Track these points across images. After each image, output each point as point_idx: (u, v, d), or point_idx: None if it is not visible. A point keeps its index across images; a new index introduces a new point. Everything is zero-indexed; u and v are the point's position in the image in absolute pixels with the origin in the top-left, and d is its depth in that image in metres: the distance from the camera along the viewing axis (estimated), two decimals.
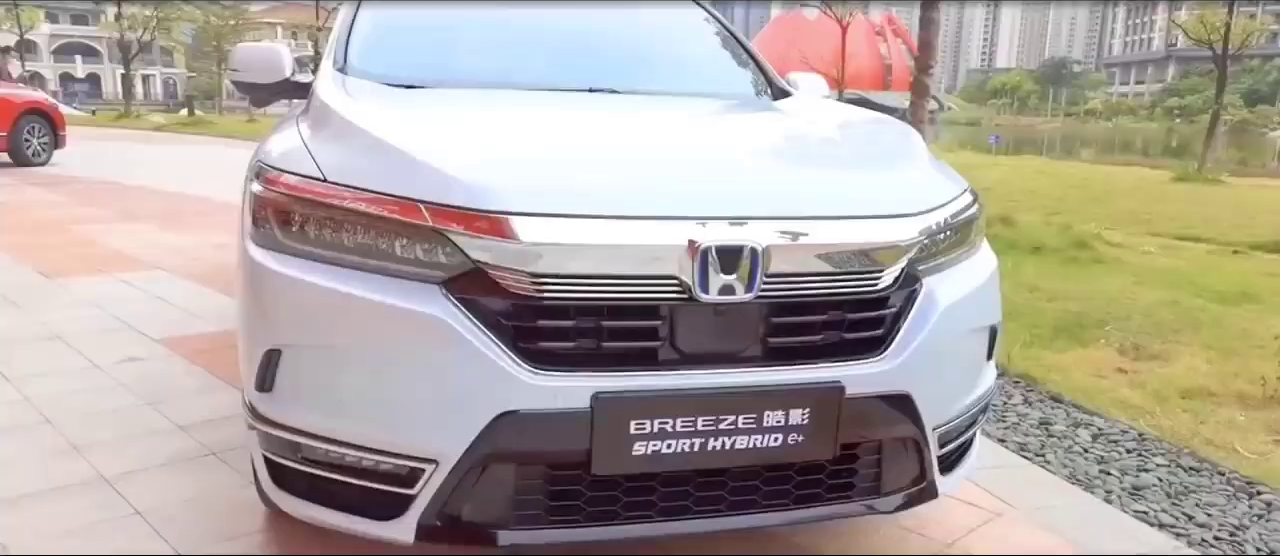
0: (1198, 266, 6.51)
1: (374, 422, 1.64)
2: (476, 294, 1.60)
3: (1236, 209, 11.92)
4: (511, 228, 1.58)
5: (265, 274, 1.73)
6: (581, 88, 2.63)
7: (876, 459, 1.84)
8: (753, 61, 3.16)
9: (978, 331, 1.99)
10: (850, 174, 2.08)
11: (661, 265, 1.61)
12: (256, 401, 1.76)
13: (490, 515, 1.66)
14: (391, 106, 2.12)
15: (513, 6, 3.18)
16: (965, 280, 1.95)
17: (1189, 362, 3.91)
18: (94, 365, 3.51)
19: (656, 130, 2.27)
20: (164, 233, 6.88)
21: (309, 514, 1.77)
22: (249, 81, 2.74)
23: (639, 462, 1.63)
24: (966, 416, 1.99)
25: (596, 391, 1.58)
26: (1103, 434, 3.13)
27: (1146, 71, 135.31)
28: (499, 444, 1.59)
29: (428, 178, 1.65)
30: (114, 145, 14.78)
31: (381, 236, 1.65)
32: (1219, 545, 2.38)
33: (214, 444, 2.76)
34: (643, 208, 1.65)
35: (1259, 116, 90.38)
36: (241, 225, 1.90)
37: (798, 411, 1.68)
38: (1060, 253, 6.47)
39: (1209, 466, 2.88)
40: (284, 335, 1.70)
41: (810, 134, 2.40)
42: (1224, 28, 18.62)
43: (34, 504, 2.33)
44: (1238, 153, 41.13)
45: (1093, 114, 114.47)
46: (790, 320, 1.72)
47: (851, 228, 1.76)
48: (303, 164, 1.79)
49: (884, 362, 1.75)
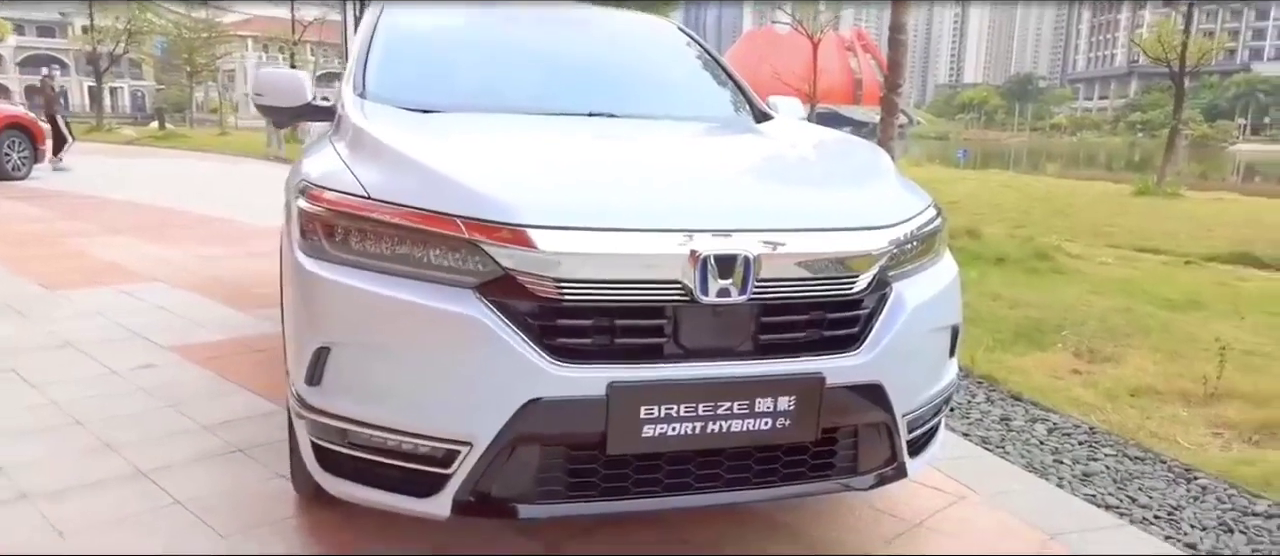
0: (1151, 276, 6.87)
1: (414, 410, 1.87)
2: (505, 297, 1.83)
3: (1194, 222, 12.39)
4: (534, 239, 1.81)
5: (315, 281, 1.95)
6: (581, 112, 2.87)
7: (853, 441, 2.09)
8: (736, 86, 3.43)
9: (941, 330, 2.25)
10: (829, 191, 2.34)
11: (667, 271, 1.85)
12: (305, 393, 1.98)
13: (516, 491, 1.89)
14: (419, 131, 2.34)
15: (511, 33, 3.42)
16: (930, 285, 2.22)
17: (1138, 364, 4.21)
18: (111, 371, 3.68)
19: (656, 151, 2.52)
20: (152, 245, 7.02)
21: (353, 493, 1.99)
22: (272, 105, 2.94)
23: (648, 443, 1.86)
24: (932, 405, 2.25)
25: (611, 381, 1.82)
26: (1057, 428, 3.41)
27: (1110, 87, 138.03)
28: (526, 427, 1.82)
29: (462, 195, 1.89)
30: (89, 160, 14.79)
31: (421, 246, 1.88)
32: (1158, 524, 2.65)
33: (238, 442, 2.95)
34: (650, 221, 1.89)
35: (1219, 131, 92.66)
36: (288, 238, 2.12)
37: (785, 399, 1.92)
38: (1023, 263, 6.81)
39: (1152, 456, 3.16)
40: (332, 334, 1.92)
41: (792, 155, 2.67)
42: (1181, 47, 19.25)
43: (81, 496, 2.52)
44: (1199, 166, 42.20)
45: (1058, 128, 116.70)
46: (778, 319, 1.97)
47: (830, 239, 2.02)
48: (347, 183, 2.01)
49: (859, 356, 2.01)
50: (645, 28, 3.79)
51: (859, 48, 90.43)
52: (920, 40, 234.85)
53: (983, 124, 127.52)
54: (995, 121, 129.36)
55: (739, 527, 2.46)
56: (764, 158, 2.67)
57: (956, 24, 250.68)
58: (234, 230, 8.10)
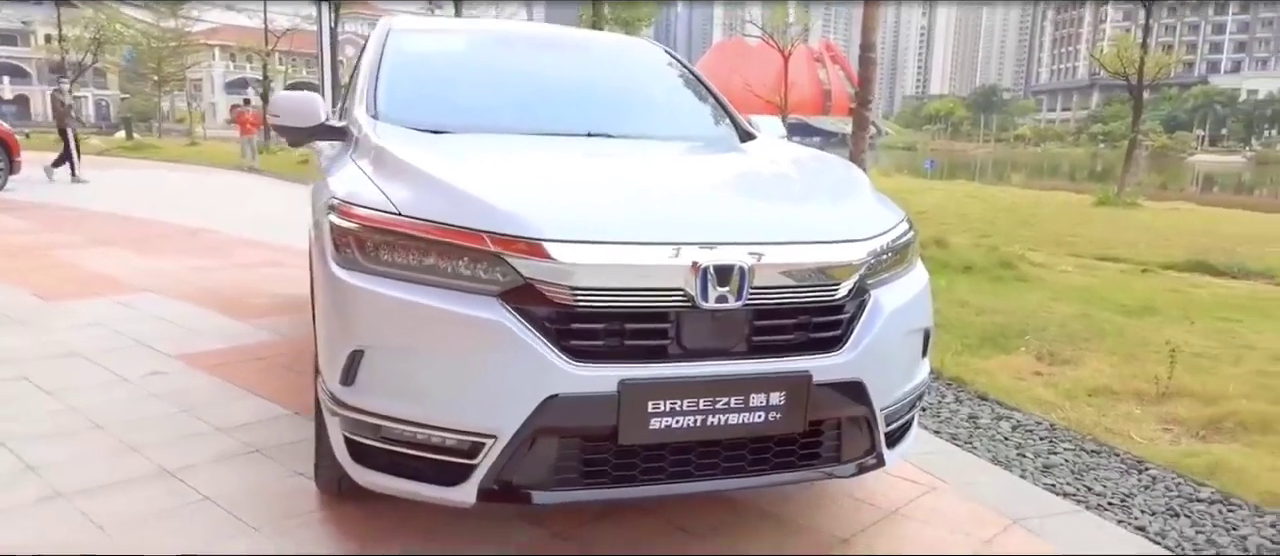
0: (1109, 284, 7.20)
1: (443, 406, 2.06)
2: (526, 303, 2.04)
3: (1152, 232, 12.85)
4: (552, 252, 2.02)
5: (349, 289, 2.14)
6: (580, 132, 3.08)
7: (837, 433, 2.31)
8: (721, 107, 3.66)
9: (914, 332, 2.49)
10: (813, 207, 2.57)
11: (671, 280, 2.07)
12: (339, 393, 2.16)
13: (536, 479, 2.09)
14: (439, 151, 2.53)
15: (510, 57, 3.62)
16: (904, 291, 2.45)
17: (1095, 366, 4.49)
18: (121, 378, 3.82)
19: (655, 170, 2.74)
20: (140, 257, 7.12)
21: (384, 483, 2.18)
22: (288, 125, 3.11)
23: (654, 435, 2.07)
24: (907, 401, 2.48)
25: (622, 378, 2.03)
26: (1021, 425, 3.67)
27: (1072, 99, 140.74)
28: (546, 421, 2.02)
29: (486, 212, 2.09)
30: (60, 170, 14.74)
31: (448, 258, 2.08)
32: (1112, 510, 2.90)
33: (254, 443, 3.12)
34: (655, 235, 2.10)
35: (1178, 142, 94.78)
36: (321, 251, 2.30)
37: (776, 394, 2.14)
38: (988, 272, 7.11)
39: (1107, 450, 3.42)
40: (366, 338, 2.11)
41: (778, 173, 2.90)
42: (1139, 61, 19.85)
43: (113, 493, 2.68)
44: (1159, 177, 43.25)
45: (1022, 139, 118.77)
46: (769, 322, 2.19)
47: (816, 250, 2.24)
48: (377, 200, 2.20)
49: (842, 356, 2.23)
50: (636, 51, 4.00)
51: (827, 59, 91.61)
52: (887, 52, 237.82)
53: (949, 135, 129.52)
54: (961, 132, 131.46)
55: (732, 515, 2.67)
56: (753, 176, 2.90)
57: (923, 36, 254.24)
58: (219, 242, 8.20)
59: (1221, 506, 2.95)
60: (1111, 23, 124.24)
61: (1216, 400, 3.94)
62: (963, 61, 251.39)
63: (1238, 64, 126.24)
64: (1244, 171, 68.37)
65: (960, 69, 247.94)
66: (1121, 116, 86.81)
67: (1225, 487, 3.07)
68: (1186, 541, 2.70)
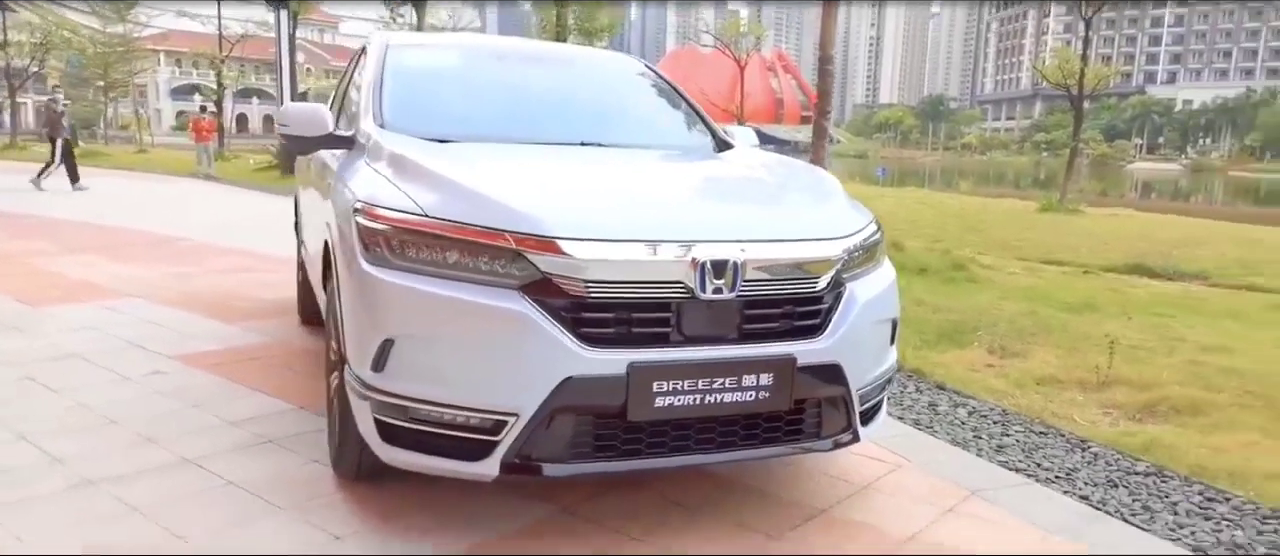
0: (1053, 285, 7.63)
1: (468, 388, 2.28)
2: (544, 295, 2.27)
3: (1093, 237, 13.44)
4: (566, 249, 2.26)
5: (379, 284, 2.35)
6: (573, 141, 3.32)
7: (817, 411, 2.58)
8: (699, 117, 3.93)
9: (884, 321, 2.77)
10: (795, 209, 2.84)
11: (673, 273, 2.32)
12: (370, 378, 2.37)
13: (554, 453, 2.32)
14: (453, 159, 2.74)
15: (503, 71, 3.85)
16: (874, 285, 2.74)
17: (1042, 358, 4.84)
18: (124, 378, 3.96)
19: (649, 176, 3.00)
20: (116, 264, 7.17)
21: (411, 461, 2.39)
22: (296, 134, 3.30)
23: (659, 412, 2.32)
24: (878, 383, 2.76)
25: (631, 361, 2.27)
26: (976, 411, 3.98)
27: (1016, 108, 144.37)
28: (563, 400, 2.25)
29: (507, 214, 2.32)
30: (12, 179, 14.63)
31: (472, 255, 2.30)
32: (1058, 482, 3.21)
33: (267, 435, 3.30)
34: (658, 234, 2.35)
35: (1117, 150, 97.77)
36: (348, 250, 2.50)
37: (765, 375, 2.40)
38: (942, 274, 7.49)
39: (1054, 431, 3.75)
40: (396, 328, 2.32)
41: (760, 178, 3.17)
42: (1079, 73, 20.66)
43: (141, 480, 2.85)
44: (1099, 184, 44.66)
45: (969, 148, 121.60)
46: (759, 311, 2.45)
47: (798, 247, 2.52)
48: (403, 203, 2.43)
49: (822, 342, 2.50)
50: (618, 65, 4.26)
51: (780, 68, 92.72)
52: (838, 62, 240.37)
53: (899, 143, 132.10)
54: (910, 140, 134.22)
55: (720, 491, 2.93)
56: (738, 181, 3.16)
57: (872, 46, 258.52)
58: (191, 248, 8.26)
59: (1155, 478, 3.28)
60: (1053, 35, 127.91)
61: (1151, 387, 4.31)
62: (911, 71, 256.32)
63: (1173, 75, 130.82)
64: (1180, 179, 70.90)
65: (909, 79, 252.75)
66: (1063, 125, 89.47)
67: (1159, 462, 3.40)
68: (1124, 509, 3.01)
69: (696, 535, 2.61)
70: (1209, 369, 4.68)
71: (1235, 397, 4.17)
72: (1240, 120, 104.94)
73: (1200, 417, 3.93)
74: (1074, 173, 22.65)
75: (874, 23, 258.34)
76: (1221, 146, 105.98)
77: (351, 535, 2.53)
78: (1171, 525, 2.89)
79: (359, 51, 4.37)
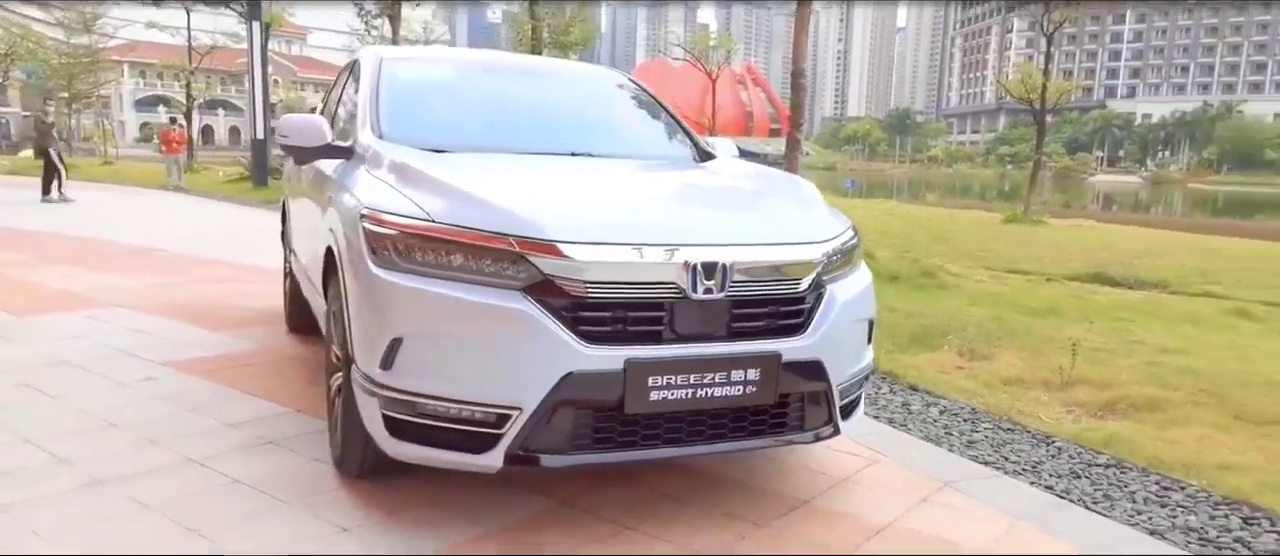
0: (1018, 291, 7.89)
1: (474, 384, 2.41)
2: (545, 295, 2.41)
3: (1056, 247, 13.80)
4: (567, 252, 2.40)
5: (388, 287, 2.48)
6: (564, 151, 3.46)
7: (801, 405, 2.74)
8: (682, 129, 4.09)
9: (861, 321, 2.94)
10: (778, 215, 3.00)
11: (666, 275, 2.47)
12: (379, 375, 2.49)
13: (555, 444, 2.46)
14: (454, 168, 2.87)
15: (494, 84, 3.99)
16: (852, 287, 2.90)
17: (1008, 360, 5.05)
18: (120, 384, 4.03)
19: (640, 184, 3.16)
20: (95, 274, 7.18)
21: (419, 454, 2.51)
22: (296, 145, 3.42)
23: (654, 405, 2.46)
24: (856, 379, 2.93)
25: (627, 358, 2.41)
26: (947, 410, 4.17)
27: (980, 122, 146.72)
28: (564, 394, 2.39)
29: (510, 220, 2.46)
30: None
31: (477, 258, 2.44)
32: (1025, 474, 3.39)
33: (266, 436, 3.39)
34: (652, 238, 2.50)
35: (1079, 163, 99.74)
36: (356, 254, 2.62)
37: (752, 371, 2.56)
38: (912, 281, 7.72)
39: (1020, 428, 3.94)
40: (405, 327, 2.45)
41: (744, 186, 3.34)
42: (1042, 88, 21.17)
43: (149, 479, 2.93)
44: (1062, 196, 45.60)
45: (935, 160, 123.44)
46: (746, 311, 2.60)
47: (782, 251, 2.68)
48: (410, 210, 2.56)
49: (804, 339, 2.66)
50: (603, 78, 4.41)
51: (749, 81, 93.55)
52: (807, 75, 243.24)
53: (867, 155, 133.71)
54: (878, 153, 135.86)
55: (709, 485, 3.07)
56: (724, 189, 3.33)
57: (839, 60, 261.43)
58: (169, 259, 8.27)
59: (1115, 469, 3.47)
60: (1016, 50, 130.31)
61: (1111, 386, 4.52)
62: (878, 85, 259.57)
63: (1132, 89, 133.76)
64: (1140, 191, 72.51)
65: (876, 92, 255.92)
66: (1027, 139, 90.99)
67: (1119, 455, 3.60)
68: (1086, 498, 3.20)
69: (688, 524, 2.75)
70: (1166, 369, 4.91)
71: (1190, 396, 4.39)
72: (1198, 133, 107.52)
73: (1157, 414, 4.14)
74: (1037, 185, 23.19)
75: (841, 37, 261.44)
76: (1180, 159, 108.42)
77: (357, 527, 2.64)
78: (1130, 512, 3.07)
79: (349, 65, 4.50)
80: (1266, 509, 3.10)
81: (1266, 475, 3.37)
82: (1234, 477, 3.34)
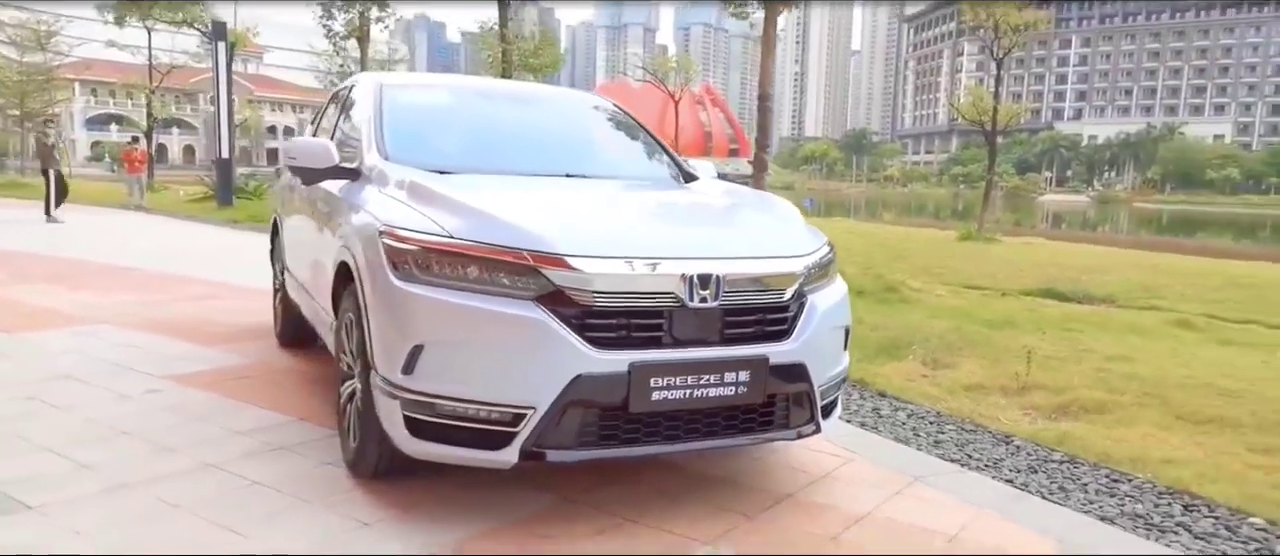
0: (975, 305, 8.26)
1: (491, 386, 2.62)
2: (556, 304, 2.63)
3: (1008, 263, 14.28)
4: (575, 265, 2.64)
5: (409, 297, 2.69)
6: (559, 173, 3.70)
7: (786, 404, 2.99)
8: (666, 152, 4.35)
9: (838, 328, 3.21)
10: (763, 232, 3.26)
11: (666, 286, 2.71)
12: (400, 380, 2.69)
13: (564, 441, 2.68)
14: (464, 189, 3.08)
15: (489, 109, 4.22)
16: (830, 296, 3.17)
17: (969, 368, 5.36)
18: (123, 396, 4.16)
19: (636, 203, 3.41)
20: (75, 292, 7.23)
21: (438, 452, 2.71)
22: (304, 166, 3.62)
23: (655, 405, 2.69)
24: (835, 382, 3.19)
25: (631, 361, 2.65)
26: (914, 413, 4.45)
27: (934, 142, 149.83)
28: (573, 395, 2.61)
29: (523, 236, 2.68)
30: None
31: (492, 271, 2.66)
32: (987, 470, 3.68)
33: (275, 443, 3.56)
34: (653, 252, 2.74)
35: (1029, 183, 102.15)
36: (375, 268, 2.82)
37: (743, 373, 2.80)
38: (876, 296, 8.05)
39: (982, 429, 4.23)
40: (426, 335, 2.66)
41: (729, 205, 3.60)
42: (992, 110, 21.87)
43: (172, 482, 3.09)
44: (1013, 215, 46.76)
45: (891, 180, 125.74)
46: (737, 318, 2.85)
47: (769, 264, 2.94)
48: (428, 226, 2.77)
49: (789, 344, 2.92)
50: (591, 103, 4.66)
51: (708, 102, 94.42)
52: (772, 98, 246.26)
53: (824, 175, 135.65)
54: (835, 173, 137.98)
55: (700, 482, 3.30)
56: (711, 207, 3.59)
57: (796, 81, 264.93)
58: (145, 278, 8.32)
59: (1068, 465, 3.77)
60: (966, 73, 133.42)
61: (1063, 390, 4.85)
62: (834, 106, 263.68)
63: (1079, 111, 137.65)
64: (1088, 210, 74.54)
65: (832, 113, 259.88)
66: (979, 159, 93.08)
67: (1071, 451, 3.90)
68: (1043, 490, 3.48)
69: (684, 517, 2.98)
70: (1113, 375, 5.26)
71: (1135, 398, 4.73)
72: (1142, 154, 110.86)
73: (1106, 415, 4.47)
74: (990, 204, 23.89)
75: (798, 59, 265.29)
76: (1125, 179, 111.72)
77: (377, 522, 2.83)
78: (1083, 502, 3.36)
79: (342, 90, 4.69)
80: (1204, 497, 3.41)
81: (1204, 468, 3.69)
82: (1175, 470, 3.65)
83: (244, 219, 16.05)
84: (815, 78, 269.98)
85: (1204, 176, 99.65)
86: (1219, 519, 3.23)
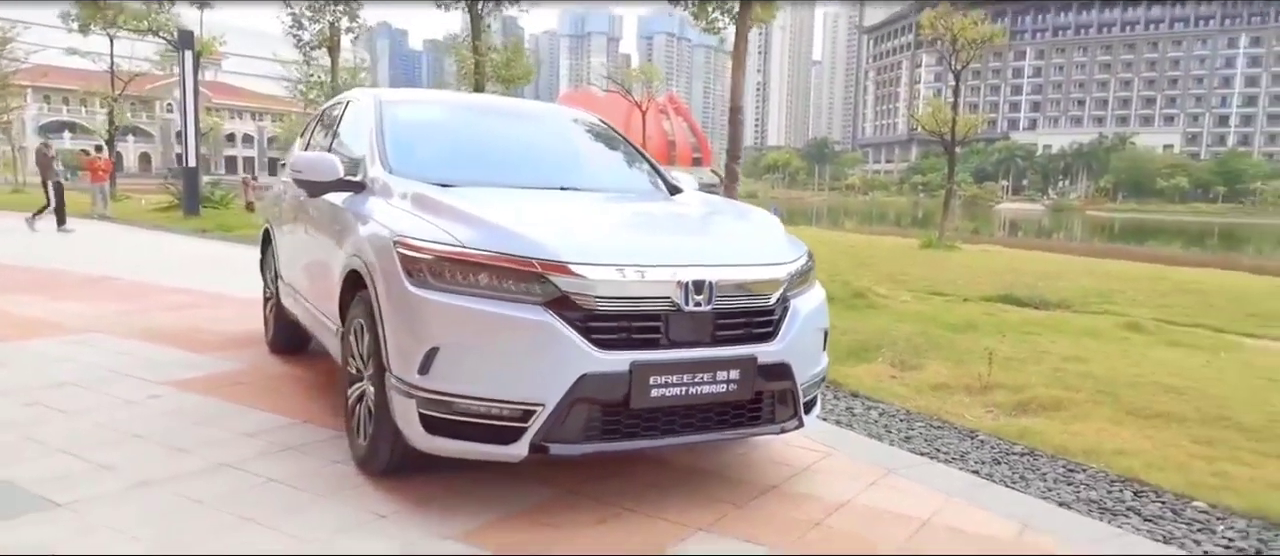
0: (939, 310, 8.59)
1: (502, 384, 2.83)
2: (563, 309, 2.85)
3: (968, 270, 14.70)
4: (580, 272, 2.85)
5: (424, 303, 2.89)
6: (554, 186, 3.91)
7: (772, 401, 3.23)
8: (651, 166, 4.58)
9: (819, 330, 3.46)
10: (749, 241, 3.50)
11: (664, 291, 2.94)
12: (416, 380, 2.88)
13: (569, 436, 2.89)
14: (471, 201, 3.28)
15: (485, 125, 4.42)
16: (811, 301, 3.42)
17: (935, 369, 5.65)
18: (126, 401, 4.28)
19: (630, 214, 3.64)
20: (58, 302, 7.28)
21: (451, 448, 2.91)
22: (309, 180, 3.79)
23: (654, 401, 2.91)
24: (815, 380, 3.44)
25: (632, 361, 2.87)
26: (885, 412, 4.72)
27: (894, 152, 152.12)
28: (579, 393, 2.83)
29: (531, 245, 2.89)
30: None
31: (502, 278, 2.87)
32: (954, 462, 3.95)
33: (282, 443, 3.72)
34: (651, 260, 2.96)
35: (986, 191, 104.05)
36: (390, 274, 3.01)
37: (734, 371, 3.04)
38: (845, 302, 8.35)
39: (948, 425, 4.51)
40: (441, 338, 2.85)
41: (714, 215, 3.84)
42: (951, 121, 22.45)
43: (191, 480, 3.24)
44: (971, 223, 47.66)
45: (852, 188, 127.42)
46: (728, 321, 3.08)
47: (756, 271, 3.18)
48: (440, 236, 2.97)
49: (775, 345, 3.16)
50: (581, 120, 4.88)
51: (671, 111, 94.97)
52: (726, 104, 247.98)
53: (787, 184, 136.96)
54: (798, 181, 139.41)
55: (688, 475, 3.53)
56: (698, 218, 3.82)
57: (759, 91, 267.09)
58: (126, 287, 8.37)
59: (1029, 457, 4.06)
60: (925, 84, 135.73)
61: (1023, 389, 5.15)
62: (796, 116, 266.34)
63: (1033, 121, 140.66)
64: (1043, 218, 76.17)
65: (794, 123, 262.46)
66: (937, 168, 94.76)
67: (1031, 445, 4.19)
68: (1006, 480, 3.76)
69: (677, 506, 3.20)
70: (1069, 374, 5.58)
71: (1090, 396, 5.05)
72: (1094, 163, 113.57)
73: (1062, 412, 4.77)
74: (949, 212, 24.46)
75: (760, 69, 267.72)
76: (1079, 188, 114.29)
77: (393, 514, 3.02)
78: (1042, 490, 3.64)
79: (337, 105, 4.87)
80: (1152, 484, 3.71)
81: (1152, 458, 4.00)
82: (1126, 460, 3.95)
83: (212, 228, 16.02)
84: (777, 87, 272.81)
85: (1154, 185, 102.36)
86: (1166, 503, 3.52)
